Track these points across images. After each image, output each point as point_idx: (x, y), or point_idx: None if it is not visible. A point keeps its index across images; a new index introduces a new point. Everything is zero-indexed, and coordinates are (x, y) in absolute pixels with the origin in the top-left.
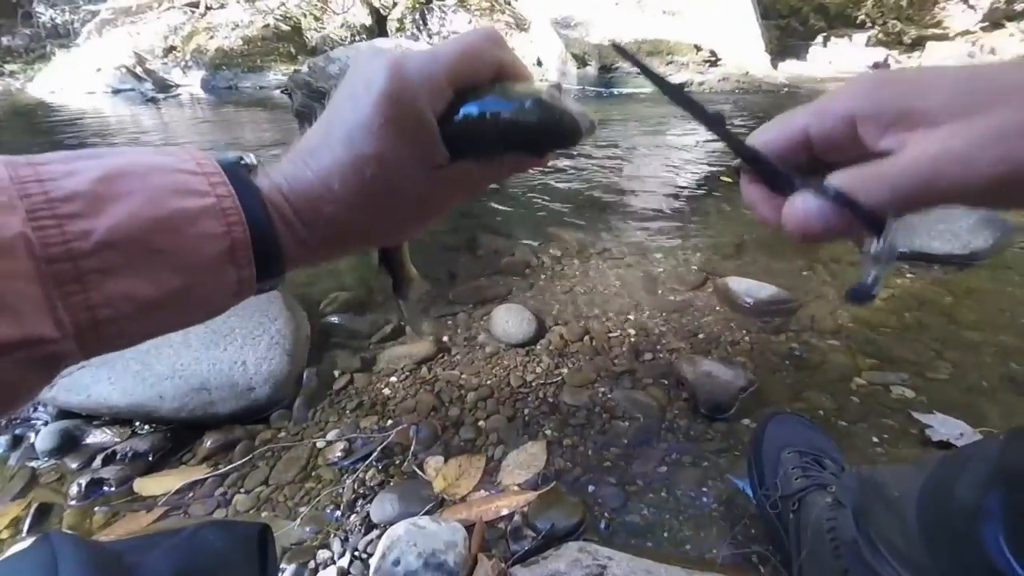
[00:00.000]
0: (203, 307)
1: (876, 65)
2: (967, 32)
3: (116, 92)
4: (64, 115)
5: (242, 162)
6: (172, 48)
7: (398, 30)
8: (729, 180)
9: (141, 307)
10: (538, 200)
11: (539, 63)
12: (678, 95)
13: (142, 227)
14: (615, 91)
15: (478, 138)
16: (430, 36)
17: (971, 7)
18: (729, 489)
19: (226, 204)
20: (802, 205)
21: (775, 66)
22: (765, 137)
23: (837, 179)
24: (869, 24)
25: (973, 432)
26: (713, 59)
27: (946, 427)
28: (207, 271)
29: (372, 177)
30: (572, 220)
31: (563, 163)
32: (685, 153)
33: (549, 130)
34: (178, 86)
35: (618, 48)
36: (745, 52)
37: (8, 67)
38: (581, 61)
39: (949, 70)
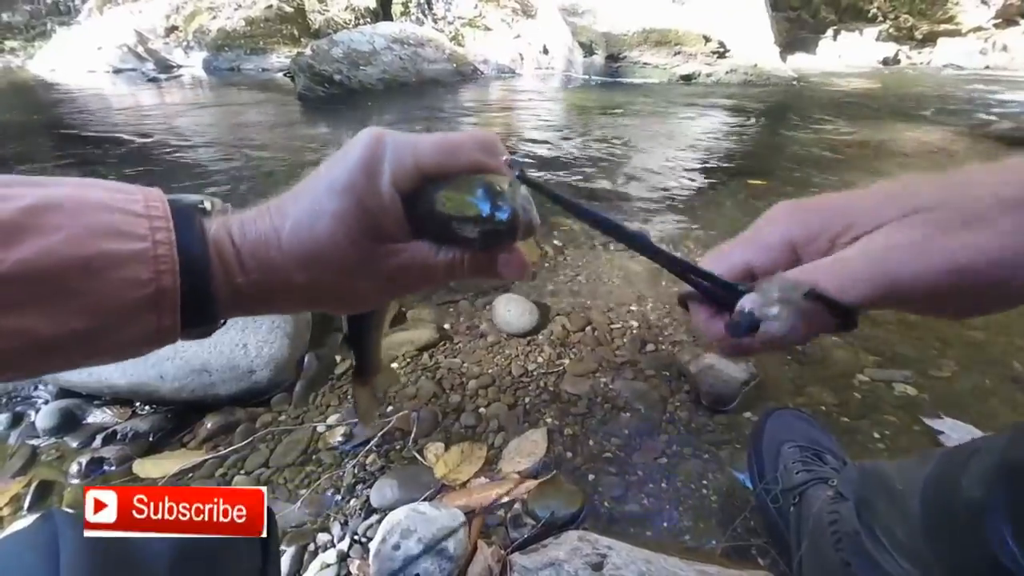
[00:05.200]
0: (111, 351)
1: (886, 61)
2: (979, 28)
3: (117, 72)
4: (65, 94)
5: (201, 205)
6: (174, 28)
7: (403, 14)
8: (756, 182)
9: (35, 345)
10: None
11: (545, 51)
12: (595, 220)
13: (56, 265)
14: (622, 80)
15: (427, 224)
16: (435, 20)
17: (984, 3)
18: (729, 482)
19: (161, 251)
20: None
21: (784, 59)
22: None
23: (794, 275)
24: (880, 18)
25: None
26: (721, 50)
27: (956, 431)
28: (121, 316)
29: (322, 232)
30: None
31: (568, 154)
32: (689, 146)
33: (469, 225)
34: (180, 67)
35: (522, 175)
36: (754, 44)
37: (8, 44)
38: (588, 49)
39: (856, 192)
